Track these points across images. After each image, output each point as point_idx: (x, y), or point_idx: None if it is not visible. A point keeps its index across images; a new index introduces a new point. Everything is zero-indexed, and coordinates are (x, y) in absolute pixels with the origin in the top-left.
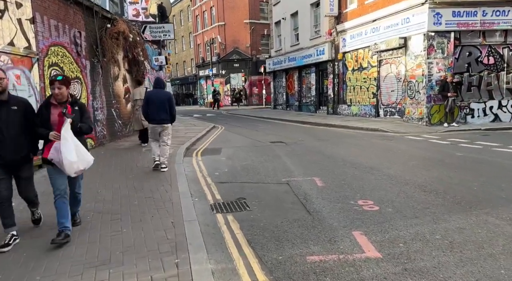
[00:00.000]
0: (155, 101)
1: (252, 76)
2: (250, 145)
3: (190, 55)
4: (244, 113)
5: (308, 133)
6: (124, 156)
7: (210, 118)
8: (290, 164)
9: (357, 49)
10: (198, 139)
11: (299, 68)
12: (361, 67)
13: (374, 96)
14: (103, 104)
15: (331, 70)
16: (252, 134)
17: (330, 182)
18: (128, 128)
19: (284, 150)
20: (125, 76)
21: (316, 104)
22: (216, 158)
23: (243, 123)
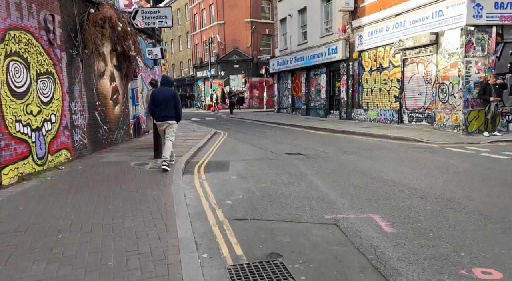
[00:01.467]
0: (161, 99)
1: (252, 78)
2: (263, 158)
3: (187, 56)
4: (246, 117)
5: (327, 142)
6: (106, 174)
7: (210, 122)
8: (324, 188)
9: (376, 47)
10: (199, 149)
11: (307, 68)
12: (380, 67)
13: (397, 99)
14: (83, 106)
15: (344, 70)
16: (261, 142)
17: (399, 223)
18: (116, 135)
19: (309, 165)
20: (112, 73)
21: (327, 108)
22: (224, 176)
23: (248, 129)
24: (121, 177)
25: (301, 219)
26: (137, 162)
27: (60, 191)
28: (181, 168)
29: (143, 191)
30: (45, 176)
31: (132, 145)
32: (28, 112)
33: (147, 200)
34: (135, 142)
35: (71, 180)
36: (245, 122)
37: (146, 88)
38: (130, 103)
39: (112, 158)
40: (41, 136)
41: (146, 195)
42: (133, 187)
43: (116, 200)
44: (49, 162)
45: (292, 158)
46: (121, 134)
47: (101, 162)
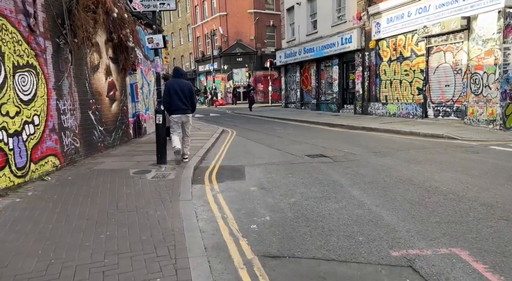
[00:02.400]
0: (177, 91)
1: (256, 72)
2: (282, 162)
3: (188, 49)
4: (252, 113)
5: (349, 140)
6: (100, 187)
7: (215, 119)
8: (372, 205)
9: (396, 35)
10: (207, 150)
11: (317, 60)
12: (401, 56)
13: (420, 92)
14: (74, 104)
15: (359, 61)
16: (274, 142)
17: (504, 267)
18: (113, 136)
19: (340, 172)
20: (108, 67)
21: (339, 103)
22: (241, 187)
23: (256, 126)
24: (118, 191)
25: (359, 258)
26: (137, 169)
27: (42, 212)
28: (189, 177)
29: (144, 210)
30: (26, 191)
31: (132, 147)
32: (3, 113)
33: (149, 224)
34: (135, 144)
35: (57, 195)
36: (252, 118)
37: (146, 83)
38: (129, 99)
39: (108, 165)
40: (21, 141)
41: (148, 216)
42: (132, 205)
43: (111, 226)
44: (32, 173)
45: (316, 162)
46: (119, 135)
47: (95, 170)
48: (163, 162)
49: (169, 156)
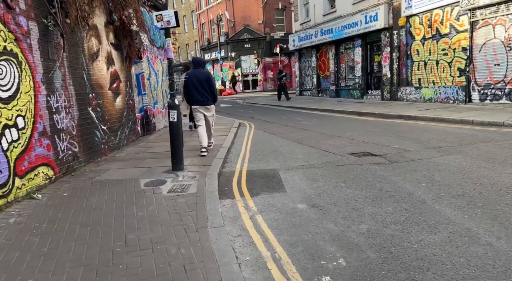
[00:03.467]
0: (196, 82)
1: (266, 58)
2: (323, 163)
3: (193, 37)
4: (264, 102)
5: (391, 132)
6: (103, 208)
7: (227, 110)
8: (490, 236)
9: (432, 9)
10: (228, 149)
11: (336, 42)
12: (437, 34)
13: (462, 73)
14: (70, 100)
15: (387, 41)
16: (302, 136)
17: None
18: (119, 136)
19: (408, 178)
20: (110, 54)
21: (363, 88)
22: (284, 203)
23: (275, 117)
24: (126, 214)
25: None
26: (149, 179)
27: (23, 255)
28: (215, 190)
29: (163, 246)
30: (7, 216)
31: (141, 148)
32: None
33: (172, 275)
34: (144, 143)
35: (47, 223)
36: (266, 108)
37: (154, 73)
38: (135, 92)
39: (113, 173)
40: (0, 151)
41: (169, 258)
42: (146, 237)
43: (117, 278)
44: (18, 190)
45: (367, 163)
46: (125, 134)
47: (97, 181)
48: (180, 168)
49: (187, 160)
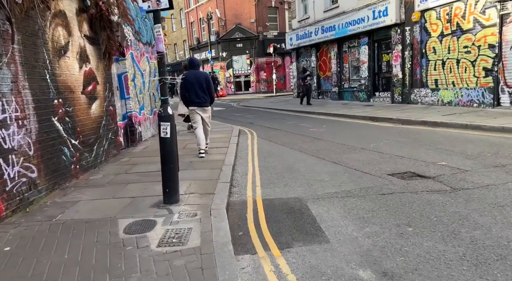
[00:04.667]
0: (195, 83)
1: (258, 58)
2: (360, 189)
3: (182, 37)
4: (260, 104)
5: (423, 143)
6: (61, 275)
7: (221, 114)
8: None
9: (451, 2)
10: (233, 167)
11: (338, 40)
12: (458, 29)
13: (489, 73)
14: (25, 109)
15: (398, 38)
16: (317, 147)
17: None
18: (95, 151)
19: (495, 215)
20: (83, 49)
21: (370, 90)
22: (333, 264)
23: (277, 123)
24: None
25: None
26: (132, 220)
27: None
28: (227, 239)
29: None
30: None
31: (124, 166)
32: None
33: None
34: (128, 159)
35: None
36: (265, 111)
37: (139, 73)
38: (117, 96)
39: (83, 208)
40: None
41: None
42: None
43: None
44: None
45: (424, 191)
46: (104, 148)
47: (58, 223)
48: (175, 200)
49: (184, 184)
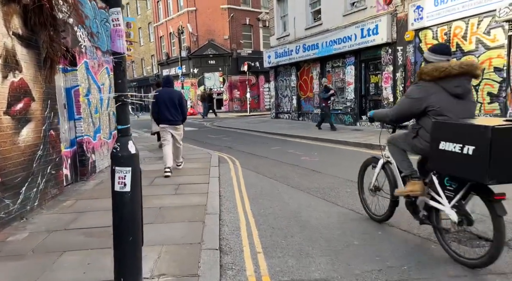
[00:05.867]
0: (167, 101)
1: (232, 76)
2: (415, 265)
3: (150, 51)
4: (236, 125)
5: None
6: None
7: (195, 135)
8: None
9: (450, 21)
10: (219, 216)
11: (321, 59)
12: (459, 50)
13: (495, 99)
14: None
15: (389, 59)
16: (322, 184)
17: None
18: (21, 196)
19: None
20: (11, 51)
21: (356, 113)
22: None
23: (260, 148)
24: None
25: None
26: None
27: None
28: None
29: None
30: None
31: (64, 216)
32: None
33: None
34: (72, 203)
35: None
36: (243, 133)
37: (96, 87)
38: (63, 116)
39: None
40: None
41: None
42: None
43: None
44: None
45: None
46: (38, 188)
47: None
48: None
49: (147, 258)
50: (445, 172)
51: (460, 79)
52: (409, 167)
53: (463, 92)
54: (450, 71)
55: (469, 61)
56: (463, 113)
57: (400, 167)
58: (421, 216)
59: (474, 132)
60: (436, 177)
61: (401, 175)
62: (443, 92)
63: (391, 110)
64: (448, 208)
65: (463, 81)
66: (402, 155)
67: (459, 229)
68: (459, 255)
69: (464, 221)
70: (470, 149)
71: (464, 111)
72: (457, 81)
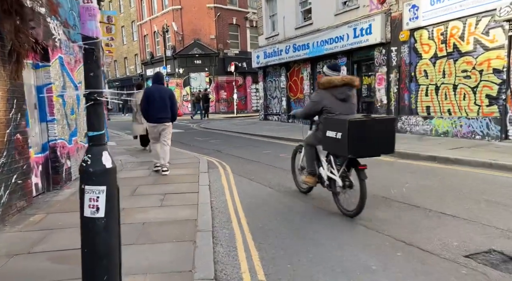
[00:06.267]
0: (157, 98)
1: (219, 77)
2: None
3: (133, 50)
4: (224, 127)
5: (455, 189)
6: None
7: (181, 137)
8: None
9: (447, 21)
10: (212, 235)
11: (311, 60)
12: (456, 51)
13: (494, 102)
14: None
15: (383, 59)
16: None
17: None
18: None
19: None
20: None
21: None
22: None
23: (250, 152)
24: None
25: None
26: None
27: None
28: None
29: None
30: None
31: (28, 237)
32: None
33: None
34: (40, 217)
35: None
36: (231, 136)
37: (73, 85)
38: (34, 117)
39: None
40: None
41: None
42: None
43: None
44: None
45: None
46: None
47: None
48: None
49: None
50: (330, 151)
51: (343, 88)
52: (310, 166)
53: (345, 97)
54: (336, 83)
55: (348, 76)
56: (346, 111)
57: (307, 165)
58: (325, 185)
59: (340, 123)
60: (332, 157)
61: (305, 168)
62: (332, 97)
63: (303, 109)
64: (337, 177)
65: (345, 90)
66: (311, 158)
67: (344, 191)
68: (345, 209)
69: (347, 186)
70: (339, 134)
71: (347, 110)
72: (340, 89)
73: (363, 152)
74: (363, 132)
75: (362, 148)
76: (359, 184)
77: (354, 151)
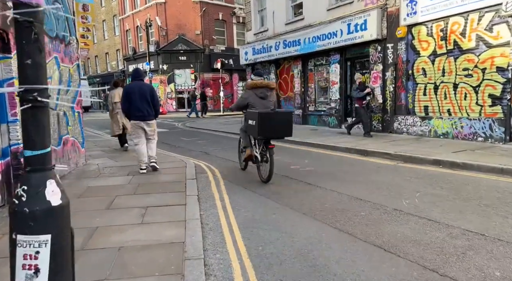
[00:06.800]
0: (137, 95)
1: (204, 74)
2: None
3: (115, 45)
4: (210, 126)
5: (475, 201)
6: None
7: (166, 138)
8: None
9: (447, 16)
10: (204, 264)
11: (302, 57)
12: (457, 48)
13: (497, 102)
14: None
15: (378, 57)
16: (326, 205)
17: None
18: None
19: None
20: None
21: (341, 115)
22: None
23: None
24: None
25: None
26: None
27: None
28: None
29: None
30: None
31: None
32: None
33: None
34: None
35: None
36: (219, 136)
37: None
38: None
39: None
40: None
41: None
42: None
43: None
44: None
45: None
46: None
47: None
48: None
49: None
50: (251, 135)
51: (262, 89)
52: (246, 142)
53: (264, 96)
54: (257, 85)
55: (266, 81)
56: (264, 107)
57: (243, 143)
58: (254, 161)
59: (254, 114)
60: (254, 140)
61: (242, 147)
62: (255, 95)
63: (235, 104)
64: (258, 154)
65: (264, 90)
66: (245, 137)
67: (261, 164)
68: (263, 177)
69: (264, 160)
70: (254, 122)
71: (265, 105)
72: (260, 89)
73: (269, 134)
74: (268, 121)
75: (268, 132)
76: (269, 159)
77: (262, 134)
